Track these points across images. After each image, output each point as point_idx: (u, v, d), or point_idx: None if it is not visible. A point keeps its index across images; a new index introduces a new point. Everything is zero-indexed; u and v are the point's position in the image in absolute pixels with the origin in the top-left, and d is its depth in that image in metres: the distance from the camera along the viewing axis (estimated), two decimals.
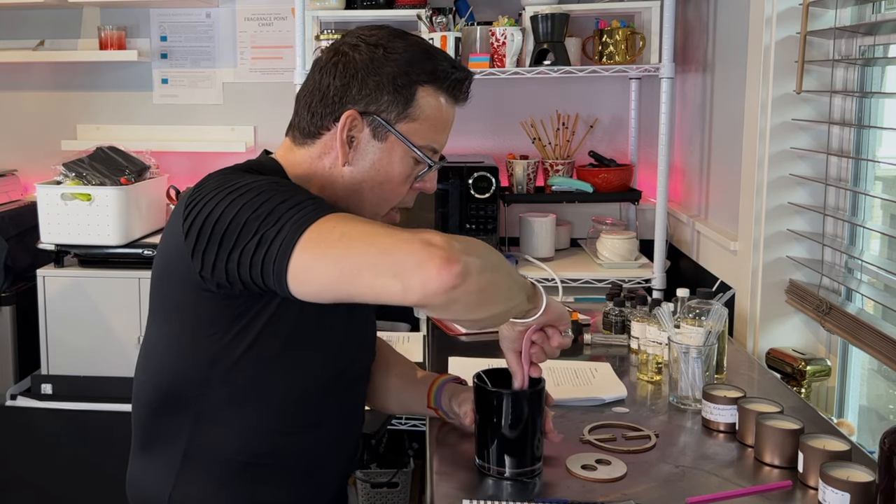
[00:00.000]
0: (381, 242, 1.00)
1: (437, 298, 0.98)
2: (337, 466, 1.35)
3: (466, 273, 0.98)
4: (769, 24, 1.92)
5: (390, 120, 1.23)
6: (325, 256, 1.01)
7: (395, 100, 1.22)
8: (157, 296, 1.24)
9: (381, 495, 2.60)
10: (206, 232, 1.09)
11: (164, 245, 1.21)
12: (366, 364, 1.42)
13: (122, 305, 2.63)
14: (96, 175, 2.63)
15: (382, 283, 0.99)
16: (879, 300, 1.64)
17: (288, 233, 1.02)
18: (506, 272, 1.09)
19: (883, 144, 1.81)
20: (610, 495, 1.18)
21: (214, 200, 1.10)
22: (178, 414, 1.22)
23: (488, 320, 1.09)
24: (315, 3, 2.65)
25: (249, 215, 1.06)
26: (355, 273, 1.00)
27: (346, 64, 1.23)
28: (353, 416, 1.38)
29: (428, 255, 0.97)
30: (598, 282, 2.52)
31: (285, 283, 1.03)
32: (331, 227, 1.03)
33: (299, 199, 1.07)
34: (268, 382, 1.21)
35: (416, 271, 0.97)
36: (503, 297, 1.09)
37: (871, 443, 1.66)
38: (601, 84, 2.90)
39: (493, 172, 2.53)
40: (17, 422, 2.65)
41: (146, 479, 1.27)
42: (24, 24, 3.06)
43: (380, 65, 1.22)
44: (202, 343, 1.18)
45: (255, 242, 1.04)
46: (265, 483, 1.24)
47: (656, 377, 1.65)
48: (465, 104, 1.31)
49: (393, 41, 1.24)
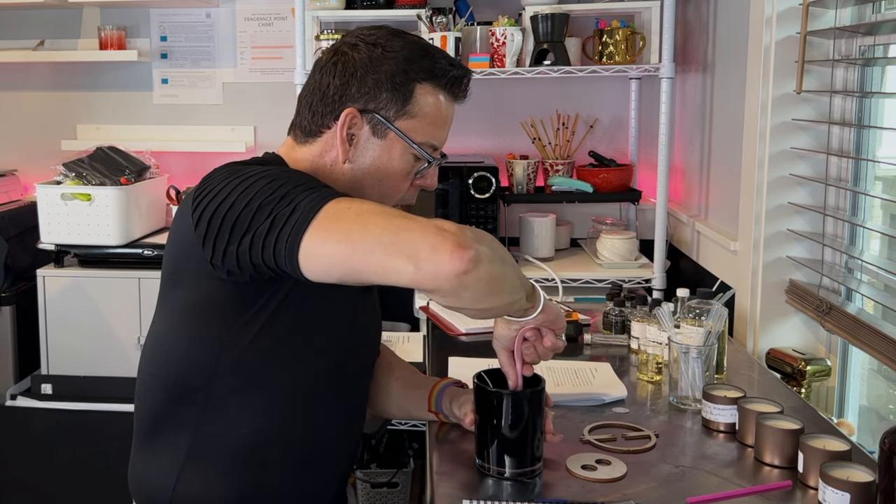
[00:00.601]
0: (395, 224, 1.02)
1: (448, 283, 1.00)
2: (337, 463, 1.36)
3: (478, 260, 1.00)
4: (769, 24, 1.92)
5: (389, 117, 1.24)
6: (340, 232, 1.03)
7: (393, 97, 1.24)
8: (167, 287, 1.26)
9: (381, 495, 2.60)
10: (217, 219, 1.11)
11: (173, 241, 1.23)
12: (370, 359, 1.43)
13: (122, 305, 2.63)
14: (96, 175, 2.63)
15: (395, 263, 1.00)
16: (879, 300, 1.64)
17: (303, 211, 1.05)
18: (512, 265, 1.11)
19: (883, 144, 1.81)
20: (610, 495, 1.18)
21: (226, 189, 1.12)
22: (186, 405, 1.24)
23: (494, 311, 1.12)
24: (315, 3, 2.65)
25: (263, 200, 1.08)
26: (367, 251, 1.01)
27: (346, 63, 1.25)
28: (354, 411, 1.38)
29: (441, 240, 0.99)
30: (598, 282, 2.52)
31: (297, 260, 1.05)
32: (346, 206, 1.05)
33: (313, 185, 1.10)
34: (275, 372, 1.22)
35: (428, 254, 0.99)
36: (510, 288, 1.11)
37: (871, 443, 1.66)
38: (601, 84, 2.90)
39: (493, 172, 2.53)
40: (17, 422, 2.65)
41: (150, 471, 1.28)
42: (24, 24, 3.06)
43: (378, 63, 1.24)
44: (212, 333, 1.20)
45: (269, 224, 1.06)
46: (269, 473, 1.25)
47: (656, 377, 1.65)
48: (465, 102, 1.32)
49: (391, 40, 1.26)
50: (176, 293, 1.24)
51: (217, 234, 1.11)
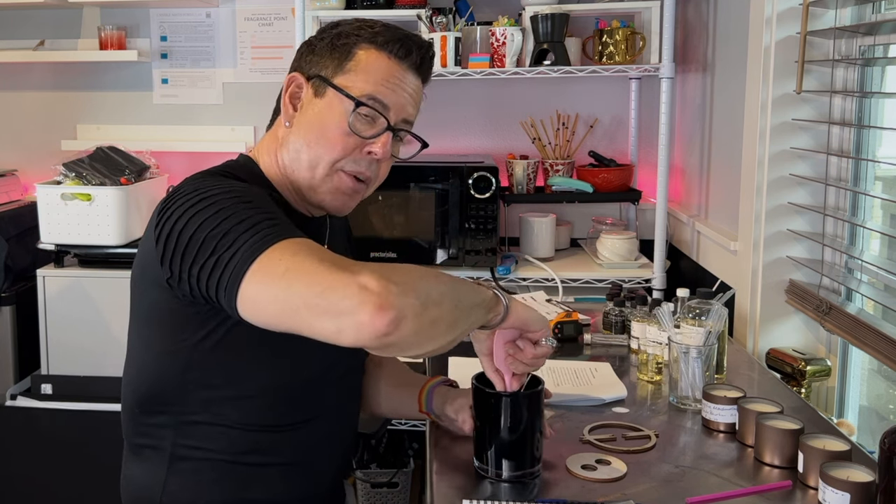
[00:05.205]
0: (319, 282, 0.98)
1: (371, 343, 0.98)
2: (330, 462, 1.34)
3: (401, 319, 0.96)
4: (769, 24, 1.92)
5: (328, 75, 1.27)
6: (269, 291, 1.01)
7: (332, 56, 1.27)
8: (134, 300, 1.26)
9: (381, 495, 2.60)
10: (171, 242, 1.10)
11: (141, 250, 1.22)
12: (356, 361, 1.41)
13: (122, 305, 2.58)
14: (96, 175, 2.63)
15: (320, 323, 0.98)
16: (879, 300, 1.64)
17: (239, 260, 1.03)
18: (451, 304, 1.06)
19: (883, 144, 1.81)
20: (610, 495, 1.18)
21: (182, 210, 1.11)
22: (160, 416, 1.23)
23: (438, 350, 1.07)
24: (315, 3, 2.65)
25: (209, 232, 1.07)
26: (294, 310, 0.99)
27: (308, 45, 1.31)
28: (344, 411, 1.37)
29: (360, 301, 0.95)
30: (598, 282, 2.52)
31: (236, 310, 1.04)
32: (277, 258, 1.02)
33: (257, 220, 1.06)
34: (245, 383, 1.21)
35: (349, 316, 0.96)
36: (445, 331, 1.06)
37: (871, 443, 1.65)
38: (601, 84, 2.90)
39: (493, 172, 2.53)
40: (17, 422, 2.65)
41: (137, 481, 1.28)
42: (24, 24, 3.06)
43: (326, 36, 1.29)
44: (178, 347, 1.19)
45: (213, 263, 1.05)
46: (255, 480, 1.24)
47: (656, 377, 1.65)
48: (421, 73, 1.30)
49: (352, 22, 1.30)
50: (142, 305, 1.23)
51: (172, 257, 1.10)
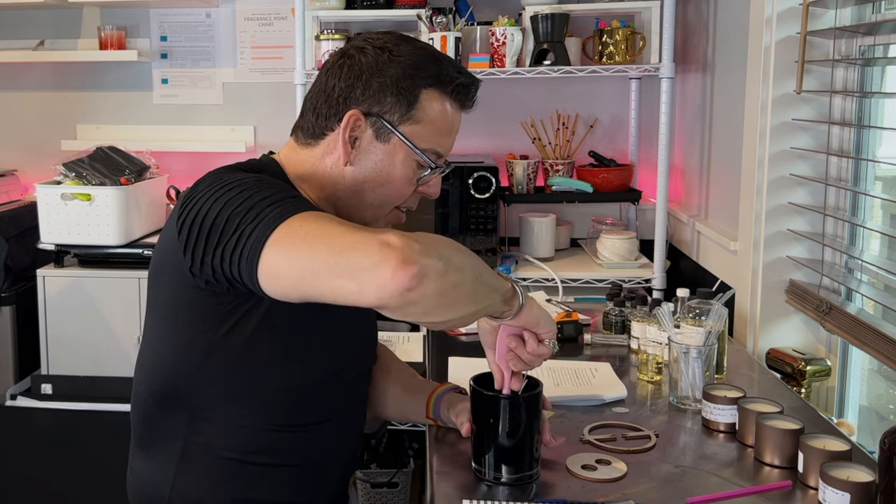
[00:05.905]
0: (340, 243, 0.99)
1: (393, 300, 0.97)
2: (337, 465, 1.35)
3: (423, 275, 0.97)
4: (769, 24, 1.92)
5: (393, 122, 1.23)
6: (289, 255, 1.01)
7: (398, 101, 1.22)
8: (152, 293, 1.25)
9: (381, 495, 2.60)
10: (195, 228, 1.10)
11: (162, 243, 1.22)
12: (366, 366, 1.42)
13: (122, 305, 2.63)
14: (96, 175, 2.63)
15: (340, 283, 0.99)
16: (879, 300, 1.64)
17: (261, 230, 1.03)
18: (473, 274, 1.06)
19: (883, 144, 1.81)
20: (610, 495, 1.18)
21: (205, 198, 1.11)
22: (174, 412, 1.23)
23: (455, 322, 1.07)
24: (315, 3, 2.65)
25: (232, 211, 1.07)
26: (316, 274, 1.00)
27: (352, 66, 1.24)
28: (352, 416, 1.38)
29: (384, 257, 0.96)
30: (598, 282, 2.52)
31: (257, 281, 1.04)
32: (297, 225, 1.03)
33: (279, 197, 1.08)
34: (262, 381, 1.21)
35: (371, 273, 0.96)
36: (466, 300, 1.06)
37: (871, 443, 1.65)
38: (601, 84, 2.90)
39: (493, 172, 2.53)
40: (17, 422, 2.65)
41: (146, 477, 1.28)
42: (24, 24, 3.06)
43: (384, 67, 1.23)
44: (195, 341, 1.18)
45: (235, 238, 1.05)
46: (264, 480, 1.24)
47: (656, 377, 1.65)
48: (472, 110, 1.31)
49: (399, 45, 1.25)
50: (160, 298, 1.23)
51: (195, 244, 1.10)
